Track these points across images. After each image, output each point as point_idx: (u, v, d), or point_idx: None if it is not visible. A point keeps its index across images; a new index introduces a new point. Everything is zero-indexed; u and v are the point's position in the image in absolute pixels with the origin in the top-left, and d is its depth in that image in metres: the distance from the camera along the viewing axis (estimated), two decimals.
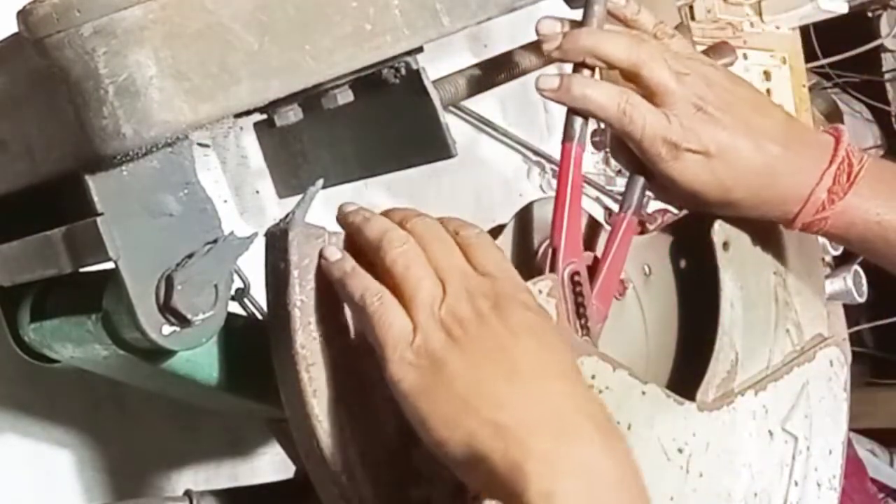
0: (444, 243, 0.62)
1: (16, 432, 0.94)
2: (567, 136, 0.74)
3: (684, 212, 0.85)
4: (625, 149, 0.75)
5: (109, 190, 0.57)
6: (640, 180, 0.76)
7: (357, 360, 0.61)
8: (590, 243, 0.78)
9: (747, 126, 0.74)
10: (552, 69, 0.84)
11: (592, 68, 0.75)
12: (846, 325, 0.94)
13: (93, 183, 0.56)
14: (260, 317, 0.90)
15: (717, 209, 0.78)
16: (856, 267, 1.56)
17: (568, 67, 0.77)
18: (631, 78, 0.74)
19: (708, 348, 0.79)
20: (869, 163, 0.76)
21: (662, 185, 0.76)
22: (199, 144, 1.03)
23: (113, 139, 0.53)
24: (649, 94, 0.73)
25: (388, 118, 0.74)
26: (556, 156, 0.75)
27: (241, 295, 0.77)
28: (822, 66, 2.04)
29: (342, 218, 0.65)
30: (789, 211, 0.76)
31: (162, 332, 0.58)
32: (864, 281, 1.57)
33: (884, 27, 2.11)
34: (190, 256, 0.59)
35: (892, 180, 0.77)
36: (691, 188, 0.74)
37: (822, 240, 1.51)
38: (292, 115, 0.66)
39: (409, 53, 0.67)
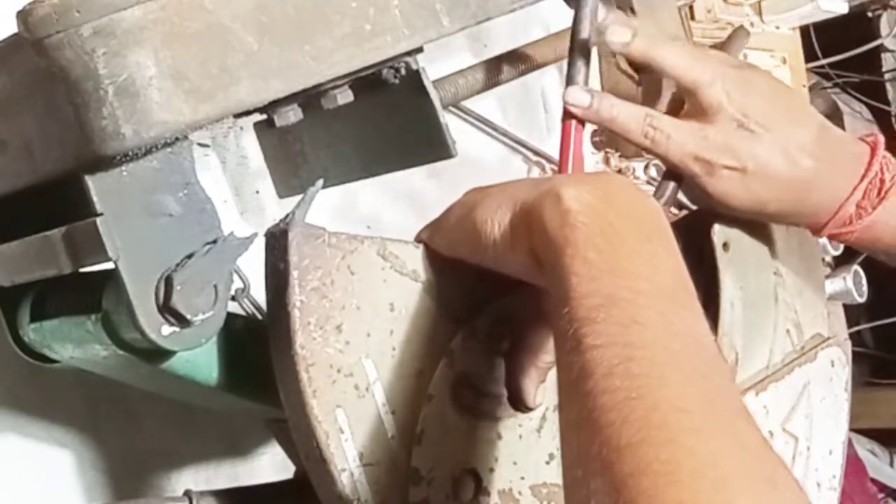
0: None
1: (16, 432, 0.94)
2: (567, 115, 0.74)
3: (683, 212, 0.85)
4: None
5: (109, 190, 0.57)
6: (671, 185, 0.76)
7: None
8: None
9: (786, 140, 0.74)
10: (551, 67, 0.84)
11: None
12: (846, 324, 0.94)
13: (92, 183, 0.56)
14: (260, 317, 0.90)
15: (749, 217, 0.78)
16: (856, 267, 1.56)
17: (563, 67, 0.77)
18: (686, 93, 0.74)
19: None
20: None
21: (695, 193, 0.77)
22: (199, 144, 1.03)
23: (112, 139, 0.53)
24: (698, 112, 0.73)
25: (388, 118, 0.74)
26: (557, 156, 0.75)
27: (241, 295, 0.77)
28: (822, 66, 2.03)
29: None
30: (819, 222, 0.76)
31: (161, 332, 0.58)
32: (864, 281, 1.56)
33: (884, 27, 2.11)
34: (190, 257, 0.59)
35: None
36: (726, 202, 0.75)
37: (822, 240, 1.51)
38: (292, 115, 0.66)
39: (408, 54, 0.67)
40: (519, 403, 0.67)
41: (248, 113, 0.59)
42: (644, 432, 0.46)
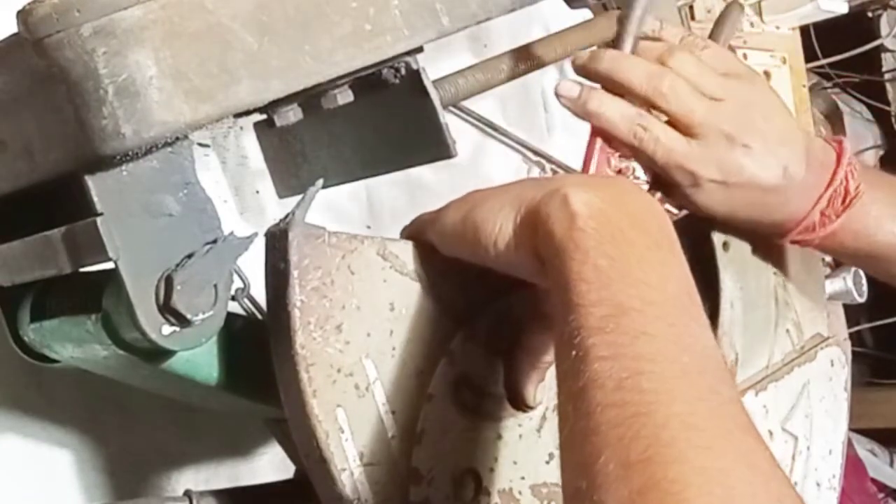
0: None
1: (16, 432, 0.94)
2: (594, 131, 0.73)
3: (684, 212, 0.85)
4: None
5: (109, 190, 0.57)
6: (657, 195, 0.75)
7: None
8: None
9: (775, 155, 0.72)
10: (551, 67, 0.84)
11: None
12: (846, 324, 0.94)
13: (92, 183, 0.56)
14: (260, 317, 0.90)
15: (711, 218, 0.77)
16: (856, 267, 1.56)
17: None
18: (652, 106, 0.72)
19: None
20: (867, 180, 0.75)
21: (676, 198, 0.75)
22: (199, 144, 1.03)
23: (112, 139, 0.53)
24: (674, 123, 0.71)
25: (388, 118, 0.74)
26: (557, 156, 0.75)
27: (241, 295, 0.77)
28: (822, 66, 2.04)
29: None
30: (785, 229, 0.76)
31: (161, 332, 0.58)
32: (864, 281, 1.56)
33: (884, 27, 2.11)
34: (189, 256, 0.59)
35: (887, 200, 0.76)
36: (706, 210, 0.74)
37: None
38: (292, 115, 0.66)
39: (408, 53, 0.67)
40: (519, 403, 0.67)
41: (248, 113, 0.59)
42: (653, 450, 0.46)
